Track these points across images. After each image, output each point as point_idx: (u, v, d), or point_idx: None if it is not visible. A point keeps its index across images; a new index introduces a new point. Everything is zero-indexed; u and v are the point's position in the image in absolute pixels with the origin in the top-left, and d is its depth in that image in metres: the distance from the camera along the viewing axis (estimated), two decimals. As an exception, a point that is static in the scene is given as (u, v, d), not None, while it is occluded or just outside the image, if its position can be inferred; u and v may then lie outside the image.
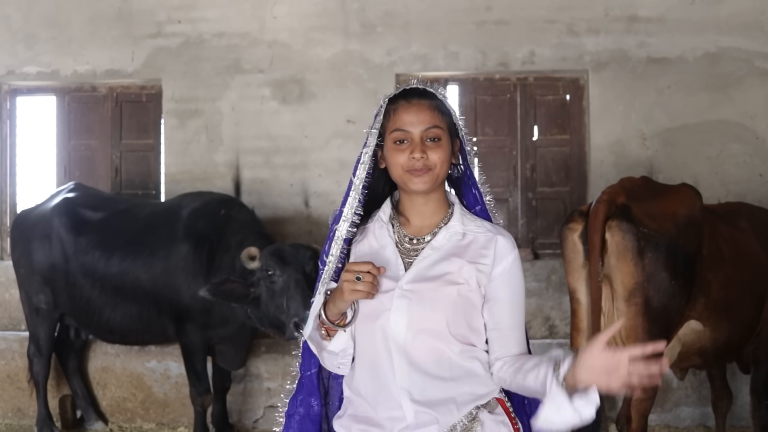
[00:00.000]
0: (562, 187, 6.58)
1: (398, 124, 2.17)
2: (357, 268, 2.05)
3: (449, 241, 2.18)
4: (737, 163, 6.26)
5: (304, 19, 6.54)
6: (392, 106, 2.20)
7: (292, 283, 4.87)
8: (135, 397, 6.09)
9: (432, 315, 2.11)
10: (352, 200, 2.23)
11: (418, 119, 2.15)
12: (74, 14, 6.74)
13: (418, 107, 2.17)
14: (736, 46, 6.26)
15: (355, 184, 2.23)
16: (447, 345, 2.11)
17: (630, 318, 3.94)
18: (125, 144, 6.90)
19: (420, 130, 2.14)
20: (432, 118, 2.16)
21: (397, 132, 2.16)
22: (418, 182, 2.14)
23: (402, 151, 2.15)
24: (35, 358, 5.72)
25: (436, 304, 2.11)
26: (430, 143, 2.14)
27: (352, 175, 2.25)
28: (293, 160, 6.53)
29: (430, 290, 2.12)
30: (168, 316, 5.33)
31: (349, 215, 2.23)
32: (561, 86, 6.57)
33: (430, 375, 2.10)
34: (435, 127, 2.15)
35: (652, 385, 1.90)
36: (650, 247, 3.94)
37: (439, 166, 2.15)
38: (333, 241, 2.24)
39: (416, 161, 2.12)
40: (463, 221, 2.22)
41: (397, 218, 2.25)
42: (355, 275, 2.04)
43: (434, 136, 2.14)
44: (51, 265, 5.57)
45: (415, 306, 2.11)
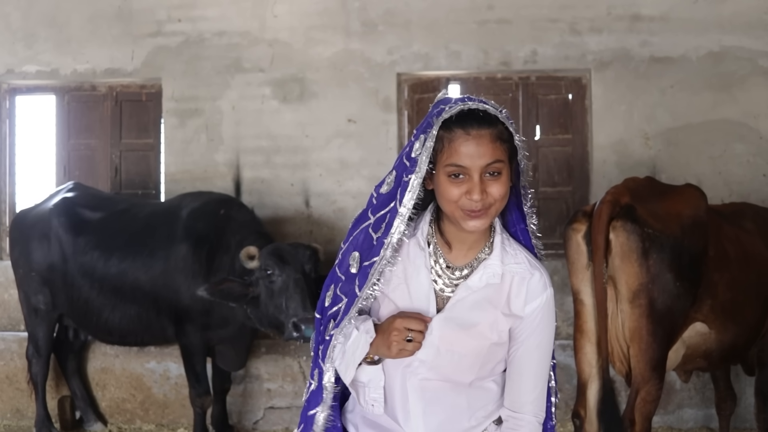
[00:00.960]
0: (565, 187, 6.54)
1: (454, 159, 1.92)
2: (410, 326, 1.95)
3: (485, 284, 2.03)
4: (741, 163, 6.22)
5: (305, 17, 6.50)
6: (447, 133, 1.93)
7: (291, 283, 4.83)
8: (134, 398, 6.06)
9: (458, 368, 2.04)
10: (399, 227, 2.00)
11: (478, 153, 1.91)
12: (74, 13, 6.70)
13: (478, 140, 1.92)
14: (739, 45, 6.22)
15: (400, 213, 1.99)
16: (467, 395, 2.08)
17: (634, 320, 3.90)
18: (125, 143, 6.86)
19: (480, 166, 1.91)
20: (494, 151, 1.92)
21: (452, 167, 1.92)
22: (473, 224, 1.95)
23: (457, 186, 1.92)
24: (34, 359, 5.69)
25: (464, 360, 2.04)
26: (489, 177, 1.92)
27: (397, 203, 2.00)
28: (294, 159, 6.49)
29: (460, 342, 2.02)
30: (167, 316, 5.30)
31: (390, 246, 2.01)
32: (563, 86, 6.53)
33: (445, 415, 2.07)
34: (497, 161, 1.92)
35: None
36: (655, 248, 3.89)
37: (499, 202, 1.96)
38: (372, 270, 2.04)
39: (475, 203, 1.91)
40: (503, 257, 2.05)
41: (434, 240, 2.07)
42: (406, 335, 1.95)
43: (496, 170, 1.92)
44: (50, 265, 5.54)
45: (443, 356, 2.03)
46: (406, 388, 2.06)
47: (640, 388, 3.92)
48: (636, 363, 3.92)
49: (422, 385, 2.06)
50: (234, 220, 5.25)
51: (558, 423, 5.73)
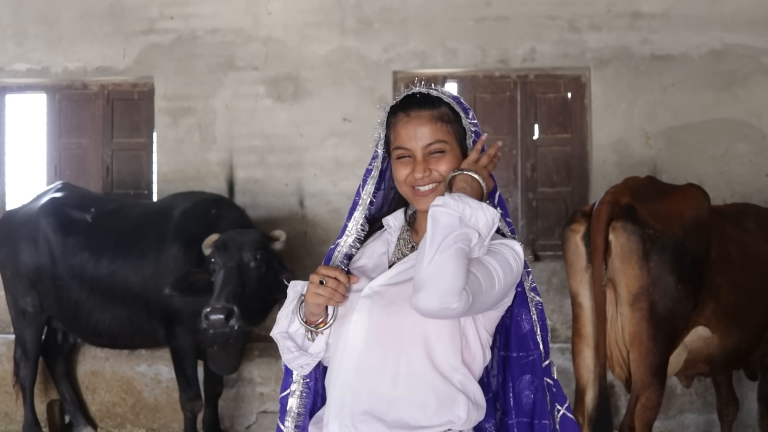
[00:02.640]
0: (564, 188, 6.44)
1: (398, 141, 2.01)
2: (324, 272, 1.94)
3: None
4: (743, 162, 6.13)
5: (300, 15, 6.41)
6: (392, 119, 2.04)
7: (222, 272, 4.74)
8: (125, 402, 5.96)
9: (389, 320, 1.94)
10: (359, 215, 2.12)
11: (418, 134, 1.98)
12: (65, 10, 6.61)
13: (417, 120, 1.99)
14: (741, 43, 6.12)
15: (362, 200, 2.12)
16: (403, 356, 1.92)
17: (635, 324, 3.80)
18: (117, 143, 6.76)
19: (421, 146, 1.98)
20: (433, 131, 1.99)
21: (398, 150, 2.01)
22: (423, 202, 1.99)
23: (404, 166, 2.00)
24: (22, 362, 5.59)
25: (394, 307, 1.94)
26: (433, 156, 1.98)
27: (360, 188, 2.13)
28: (288, 159, 6.39)
29: (395, 293, 1.95)
30: (158, 319, 5.20)
31: (354, 230, 2.12)
32: (562, 84, 6.43)
33: (372, 387, 1.92)
34: (437, 141, 1.98)
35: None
36: (656, 250, 3.79)
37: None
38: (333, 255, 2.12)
39: (418, 180, 1.98)
40: None
41: (408, 230, 2.11)
42: (320, 278, 1.92)
43: (439, 149, 1.98)
44: (38, 266, 5.44)
45: (376, 308, 1.95)
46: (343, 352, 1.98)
47: (640, 394, 3.82)
48: (636, 368, 3.83)
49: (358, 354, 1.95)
50: (225, 219, 5.16)
51: (557, 428, 5.64)
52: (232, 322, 4.60)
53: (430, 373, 1.91)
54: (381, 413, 1.91)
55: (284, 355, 2.08)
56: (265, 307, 5.02)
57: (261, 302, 4.92)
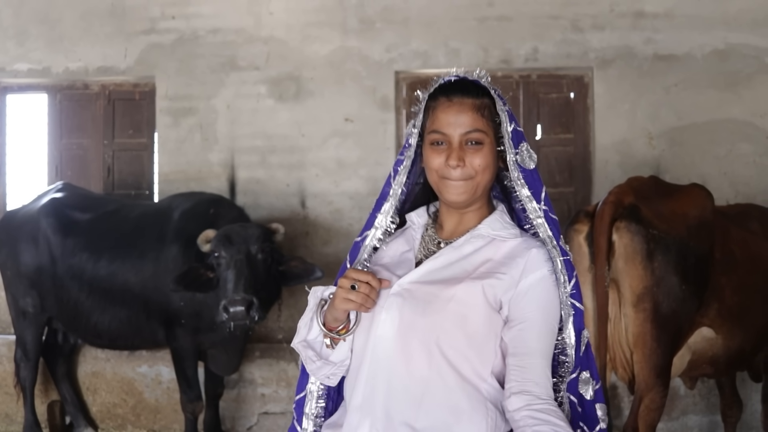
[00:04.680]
0: (566, 188, 6.41)
1: (436, 125, 1.92)
2: (355, 276, 1.86)
3: (469, 243, 1.94)
4: (747, 163, 6.09)
5: (301, 14, 6.39)
6: (432, 102, 1.95)
7: (232, 264, 4.71)
8: (126, 403, 5.94)
9: (420, 321, 1.86)
10: (389, 206, 2.02)
11: (458, 121, 1.90)
12: (66, 10, 6.59)
13: (459, 107, 1.91)
14: (745, 43, 6.09)
15: (393, 190, 2.01)
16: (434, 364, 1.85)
17: (638, 324, 3.76)
18: (118, 143, 6.75)
19: (459, 133, 1.89)
20: (474, 120, 1.90)
21: (435, 134, 1.92)
22: (453, 192, 1.91)
23: (438, 154, 1.91)
24: (22, 363, 5.56)
25: (428, 309, 1.86)
26: (470, 147, 1.90)
27: (391, 178, 2.03)
28: (290, 159, 6.37)
29: (428, 293, 1.87)
30: (158, 319, 5.17)
31: (384, 223, 2.02)
32: (565, 84, 6.40)
33: (402, 391, 1.86)
34: (476, 131, 1.89)
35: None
36: (660, 250, 3.76)
37: (480, 174, 1.90)
38: (361, 247, 2.03)
39: (452, 169, 1.89)
40: (493, 225, 1.95)
41: (433, 226, 2.04)
42: (351, 283, 1.84)
43: (477, 139, 1.90)
44: (38, 267, 5.42)
45: (407, 307, 1.88)
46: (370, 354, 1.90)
47: (643, 395, 3.78)
48: (639, 369, 3.79)
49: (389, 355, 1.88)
50: (224, 219, 5.12)
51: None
52: (252, 312, 4.60)
53: (459, 380, 1.86)
54: (411, 420, 1.85)
55: (308, 366, 1.99)
56: (270, 299, 5.02)
57: (267, 293, 4.92)
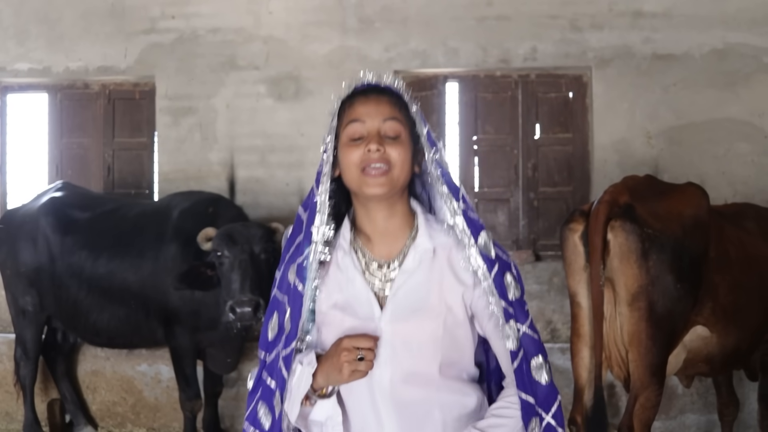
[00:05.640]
0: (565, 187, 6.42)
1: (354, 116, 1.93)
2: (358, 345, 1.85)
3: (419, 262, 1.94)
4: (745, 162, 6.10)
5: (301, 14, 6.40)
6: (348, 102, 1.97)
7: (236, 264, 4.70)
8: (125, 402, 5.96)
9: (420, 360, 1.91)
10: (320, 220, 1.95)
11: (377, 110, 1.93)
12: (66, 10, 6.61)
13: (377, 100, 1.95)
14: (744, 42, 6.09)
15: (320, 200, 1.96)
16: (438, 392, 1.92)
17: (633, 323, 3.78)
18: (118, 142, 6.77)
19: (378, 122, 1.92)
20: (392, 110, 1.93)
21: (352, 124, 1.92)
22: (373, 184, 1.89)
23: (357, 147, 1.91)
24: (22, 362, 5.59)
25: (423, 348, 1.91)
26: (388, 140, 1.91)
27: (314, 190, 1.99)
28: (289, 158, 6.38)
29: (413, 331, 1.90)
30: (156, 318, 5.19)
31: (320, 237, 1.96)
32: (564, 83, 6.41)
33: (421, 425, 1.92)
34: (394, 119, 1.92)
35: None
36: (655, 249, 3.77)
37: (399, 167, 1.91)
38: (307, 267, 1.96)
39: (372, 153, 1.88)
40: (430, 234, 1.96)
41: (358, 242, 2.00)
42: (356, 354, 1.84)
43: (394, 132, 1.92)
44: (37, 266, 5.44)
45: (400, 351, 1.90)
46: (376, 401, 1.92)
47: (638, 393, 3.80)
48: (635, 368, 3.81)
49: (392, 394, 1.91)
50: (223, 218, 5.13)
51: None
52: (259, 314, 4.59)
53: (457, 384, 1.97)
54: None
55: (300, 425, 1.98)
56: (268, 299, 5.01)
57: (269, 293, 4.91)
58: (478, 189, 6.46)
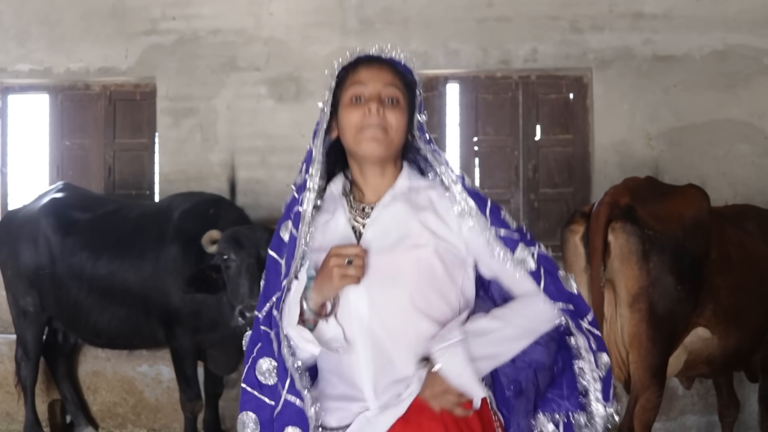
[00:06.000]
0: (565, 188, 6.43)
1: (357, 79, 2.06)
2: (346, 252, 1.93)
3: (394, 198, 2.06)
4: (745, 163, 6.10)
5: (301, 15, 6.41)
6: (351, 68, 2.09)
7: (243, 268, 4.70)
8: (126, 402, 5.97)
9: (393, 292, 1.97)
10: (315, 170, 2.09)
11: (379, 76, 2.04)
12: (67, 11, 6.62)
13: (378, 67, 2.07)
14: (744, 44, 6.10)
15: (315, 153, 2.10)
16: (415, 324, 1.97)
17: (634, 324, 3.79)
18: (119, 143, 6.77)
19: (379, 87, 2.03)
20: (393, 78, 2.05)
21: (356, 85, 2.04)
22: (370, 143, 2.01)
23: (358, 108, 2.03)
24: (23, 362, 5.59)
25: (397, 280, 1.97)
26: (388, 105, 2.02)
27: (310, 145, 2.13)
28: (290, 159, 6.37)
29: (389, 262, 1.98)
30: (157, 319, 5.19)
31: (314, 185, 2.09)
32: (564, 85, 6.42)
33: (396, 357, 1.98)
34: (394, 86, 2.04)
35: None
36: (655, 250, 3.78)
37: (395, 130, 2.03)
38: (301, 213, 2.07)
39: (372, 116, 2.00)
40: (410, 177, 2.10)
41: (350, 193, 2.12)
42: (345, 259, 1.92)
43: (393, 96, 2.03)
44: (38, 266, 5.44)
45: (375, 283, 1.97)
46: (354, 330, 1.99)
47: (639, 395, 3.81)
48: (635, 369, 3.82)
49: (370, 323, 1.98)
50: (224, 219, 5.13)
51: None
52: None
53: (434, 325, 1.99)
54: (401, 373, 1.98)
55: (300, 345, 2.03)
56: None
57: None
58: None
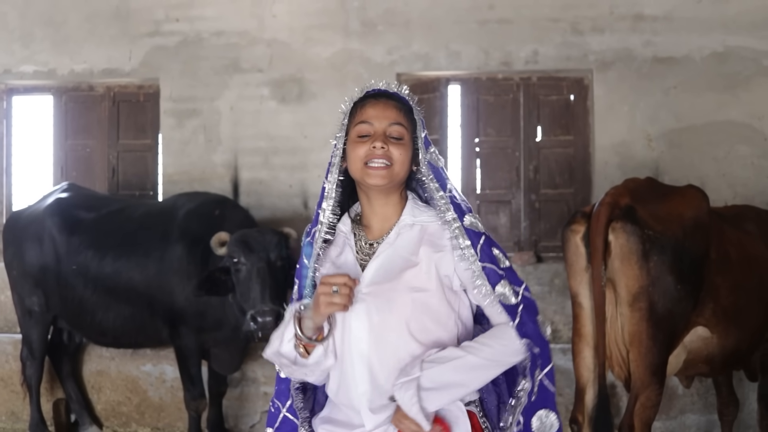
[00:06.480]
0: (566, 189, 6.47)
1: (364, 117, 2.17)
2: (333, 281, 2.03)
3: (399, 235, 2.17)
4: (745, 164, 6.15)
5: (304, 17, 6.45)
6: (360, 104, 2.21)
7: (254, 272, 4.73)
8: (130, 401, 6.01)
9: (390, 318, 2.08)
10: (328, 204, 2.21)
11: (384, 114, 2.16)
12: (71, 13, 6.67)
13: (384, 104, 2.18)
14: (743, 46, 6.14)
15: (327, 190, 2.22)
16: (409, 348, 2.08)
17: (634, 323, 3.83)
18: (122, 144, 6.82)
19: (384, 125, 2.15)
20: (397, 116, 2.17)
21: (362, 125, 2.15)
22: (375, 176, 2.12)
23: (364, 143, 2.14)
24: (28, 361, 5.64)
25: (394, 306, 2.09)
26: (392, 141, 2.14)
27: (324, 180, 2.24)
28: (292, 160, 6.43)
29: (388, 291, 2.09)
30: (162, 318, 5.24)
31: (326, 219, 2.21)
32: (565, 86, 6.46)
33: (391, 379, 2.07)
34: (399, 124, 2.15)
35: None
36: (656, 250, 3.82)
37: (399, 165, 2.14)
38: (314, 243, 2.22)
39: (377, 150, 2.11)
40: (414, 213, 2.20)
41: (359, 228, 2.24)
42: (331, 288, 2.01)
43: (398, 134, 2.15)
44: (43, 266, 5.49)
45: (374, 309, 2.09)
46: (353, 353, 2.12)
47: (639, 393, 3.85)
48: (635, 368, 3.86)
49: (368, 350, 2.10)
50: (229, 220, 5.18)
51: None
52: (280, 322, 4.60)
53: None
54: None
55: (284, 369, 2.21)
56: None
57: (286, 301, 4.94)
58: (480, 191, 6.51)
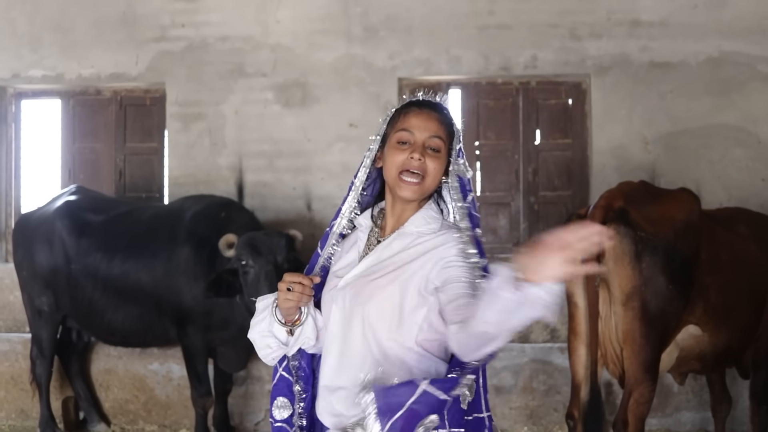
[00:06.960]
0: (564, 192, 6.58)
1: (406, 125, 2.22)
2: (289, 279, 2.15)
3: (398, 241, 2.21)
4: (739, 167, 6.24)
5: (308, 23, 6.55)
6: (403, 111, 2.26)
7: (262, 275, 4.82)
8: (137, 399, 6.11)
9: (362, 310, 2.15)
10: (351, 200, 2.32)
11: (426, 125, 2.21)
12: (79, 18, 6.77)
13: (428, 115, 2.23)
14: (738, 51, 6.25)
15: (355, 185, 2.33)
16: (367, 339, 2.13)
17: (627, 322, 3.94)
18: (129, 147, 6.92)
19: (425, 136, 2.19)
20: (438, 129, 2.22)
21: (403, 132, 2.20)
22: (407, 189, 2.18)
23: (403, 151, 2.19)
24: (38, 360, 5.73)
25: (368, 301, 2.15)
26: (429, 153, 2.19)
27: (353, 177, 2.34)
28: (296, 163, 6.53)
29: (363, 285, 2.17)
30: (169, 318, 5.35)
31: (347, 213, 2.32)
32: (563, 90, 6.57)
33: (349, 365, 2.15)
34: (438, 137, 2.20)
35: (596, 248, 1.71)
36: (648, 251, 3.94)
37: (431, 177, 2.19)
38: (327, 237, 2.33)
39: (414, 160, 2.16)
40: (417, 223, 2.22)
41: (377, 226, 2.31)
42: (287, 286, 2.14)
43: (436, 146, 2.20)
44: (53, 267, 5.59)
45: (348, 300, 2.18)
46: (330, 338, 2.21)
47: (633, 389, 3.96)
48: (629, 365, 3.97)
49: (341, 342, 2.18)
50: (234, 222, 5.28)
51: (556, 425, 5.77)
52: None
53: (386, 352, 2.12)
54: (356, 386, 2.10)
55: (262, 352, 2.30)
56: None
57: None
58: (480, 193, 6.61)
